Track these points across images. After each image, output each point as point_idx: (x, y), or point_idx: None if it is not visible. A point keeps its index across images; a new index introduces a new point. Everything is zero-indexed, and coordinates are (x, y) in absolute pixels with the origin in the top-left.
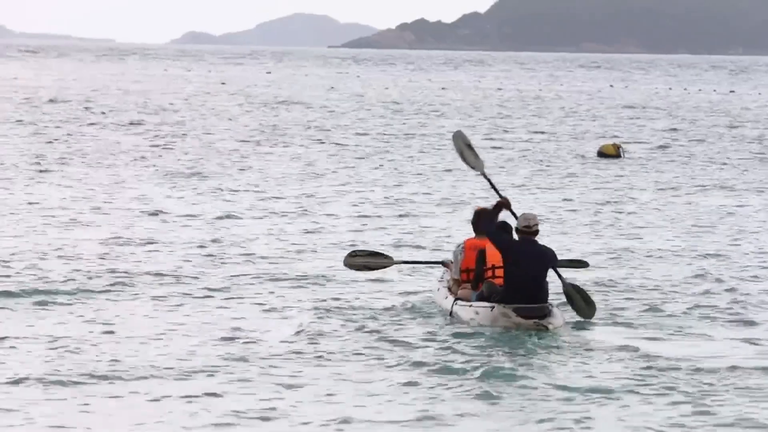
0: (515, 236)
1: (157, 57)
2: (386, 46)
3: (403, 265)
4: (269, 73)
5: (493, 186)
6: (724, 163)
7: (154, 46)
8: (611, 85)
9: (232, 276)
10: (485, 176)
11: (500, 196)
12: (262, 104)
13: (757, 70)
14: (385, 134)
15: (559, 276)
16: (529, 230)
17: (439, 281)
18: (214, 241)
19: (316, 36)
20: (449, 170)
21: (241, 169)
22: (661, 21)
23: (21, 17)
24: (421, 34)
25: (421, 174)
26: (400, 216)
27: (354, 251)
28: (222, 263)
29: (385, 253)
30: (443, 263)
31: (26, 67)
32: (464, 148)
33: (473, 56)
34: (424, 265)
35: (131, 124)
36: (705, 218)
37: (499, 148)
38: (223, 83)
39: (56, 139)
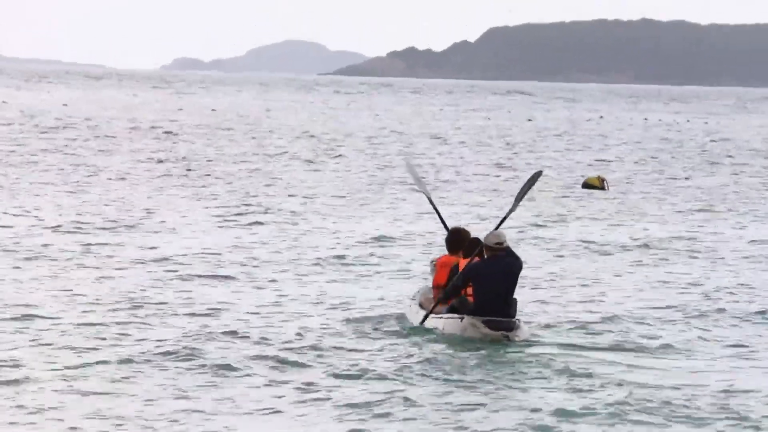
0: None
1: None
2: (377, 73)
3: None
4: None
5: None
6: (710, 194)
7: (143, 72)
8: (601, 116)
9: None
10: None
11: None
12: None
13: (747, 101)
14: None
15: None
16: (499, 247)
17: (411, 299)
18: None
19: (306, 63)
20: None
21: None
22: (652, 52)
23: (11, 42)
24: (412, 62)
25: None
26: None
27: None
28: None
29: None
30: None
31: (20, 94)
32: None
33: (463, 84)
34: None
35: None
36: (688, 248)
37: (486, 175)
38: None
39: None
